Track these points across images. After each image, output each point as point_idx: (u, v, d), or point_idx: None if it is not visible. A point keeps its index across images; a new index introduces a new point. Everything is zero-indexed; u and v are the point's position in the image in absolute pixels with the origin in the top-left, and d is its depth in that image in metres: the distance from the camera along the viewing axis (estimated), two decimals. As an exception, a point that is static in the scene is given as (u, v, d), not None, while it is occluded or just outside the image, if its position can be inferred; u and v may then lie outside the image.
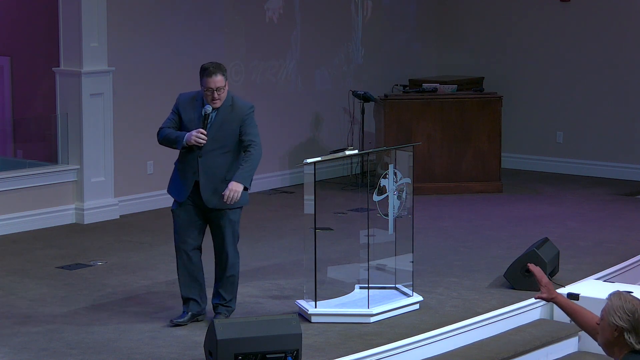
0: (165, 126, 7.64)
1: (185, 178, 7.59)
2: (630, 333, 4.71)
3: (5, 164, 11.15)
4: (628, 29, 13.34)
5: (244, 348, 6.76)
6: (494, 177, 12.56)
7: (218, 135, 7.51)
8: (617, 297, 4.80)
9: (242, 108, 7.62)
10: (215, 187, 7.50)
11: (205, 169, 7.51)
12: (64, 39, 11.01)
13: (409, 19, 14.50)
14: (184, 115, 7.58)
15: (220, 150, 7.52)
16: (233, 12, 12.37)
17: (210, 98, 7.49)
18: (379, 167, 11.33)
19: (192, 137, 7.42)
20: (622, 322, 4.71)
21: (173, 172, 7.74)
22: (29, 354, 7.16)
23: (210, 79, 7.48)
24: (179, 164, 7.67)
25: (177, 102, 7.70)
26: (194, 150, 7.50)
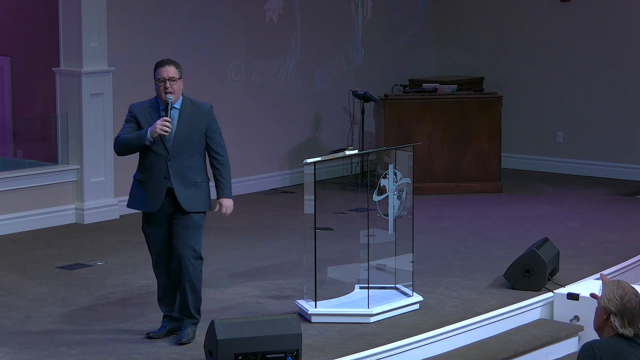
0: (122, 134, 7.28)
1: (155, 185, 7.22)
2: (616, 316, 4.83)
3: (5, 164, 11.15)
4: (628, 29, 13.34)
5: (244, 348, 6.76)
6: (494, 177, 12.56)
7: (185, 136, 7.24)
8: (614, 283, 4.93)
9: (204, 107, 7.39)
10: (188, 190, 7.23)
11: (177, 172, 7.21)
12: (64, 39, 11.01)
13: (409, 19, 14.50)
14: (143, 122, 7.22)
15: (188, 152, 7.25)
16: (233, 12, 12.37)
17: (162, 89, 7.18)
18: (379, 167, 11.33)
19: (157, 126, 7.07)
20: (610, 305, 4.85)
21: (133, 186, 7.34)
22: (29, 354, 7.16)
23: (163, 68, 7.19)
24: (142, 173, 7.27)
25: (130, 111, 7.34)
26: (160, 154, 7.19)
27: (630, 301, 4.83)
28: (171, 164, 7.20)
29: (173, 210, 7.24)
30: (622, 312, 4.82)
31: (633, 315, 4.83)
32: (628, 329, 4.82)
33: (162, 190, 7.21)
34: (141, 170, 7.28)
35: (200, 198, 7.28)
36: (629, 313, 4.82)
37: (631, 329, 4.83)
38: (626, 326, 4.82)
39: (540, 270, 8.53)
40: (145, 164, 7.26)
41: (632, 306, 4.83)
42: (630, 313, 4.83)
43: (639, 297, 4.88)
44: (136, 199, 7.31)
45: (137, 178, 7.31)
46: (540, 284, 8.52)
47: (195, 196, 7.25)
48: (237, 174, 12.43)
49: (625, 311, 4.82)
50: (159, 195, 7.21)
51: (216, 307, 8.15)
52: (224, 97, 12.31)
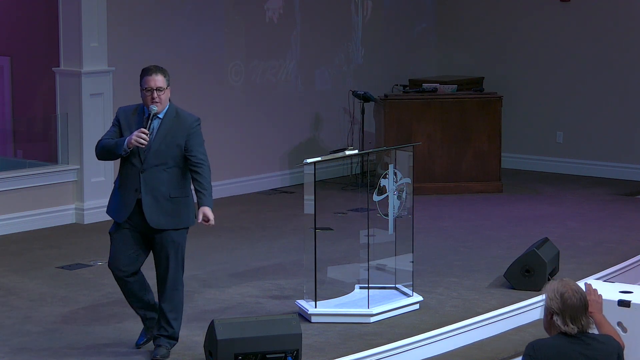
0: (104, 138, 7.01)
1: (126, 196, 6.93)
2: (558, 315, 4.81)
3: (5, 164, 11.15)
4: (628, 29, 13.34)
5: (244, 348, 6.76)
6: (494, 177, 12.56)
7: (161, 149, 6.87)
8: (557, 281, 4.90)
9: (188, 120, 6.96)
10: (159, 205, 6.87)
11: (148, 185, 6.85)
12: (64, 39, 11.01)
13: (409, 18, 14.50)
14: (126, 128, 6.94)
15: (163, 165, 6.87)
16: (233, 12, 12.37)
17: (149, 99, 6.89)
18: (379, 167, 11.33)
19: (133, 137, 6.76)
20: (551, 304, 4.83)
21: (113, 191, 7.11)
22: (29, 354, 7.16)
23: (150, 77, 6.92)
24: (119, 182, 7.01)
25: (117, 115, 7.08)
26: (134, 165, 6.89)
27: (570, 298, 4.80)
28: (144, 176, 6.86)
29: (145, 224, 6.89)
30: (564, 310, 4.79)
31: (575, 312, 4.80)
32: (571, 327, 4.79)
33: (132, 202, 6.89)
34: (119, 178, 7.02)
35: (175, 214, 6.91)
36: (570, 310, 4.79)
37: (574, 327, 4.79)
38: (568, 324, 4.79)
39: (540, 270, 8.53)
40: (122, 173, 6.98)
41: (573, 303, 4.80)
42: (572, 310, 4.79)
43: (580, 293, 4.84)
44: (110, 205, 7.08)
45: (116, 185, 7.07)
46: (540, 284, 8.52)
47: (168, 211, 6.88)
48: (237, 174, 12.48)
49: (567, 309, 4.79)
50: (128, 207, 6.91)
51: (216, 307, 8.16)
52: (224, 97, 12.31)
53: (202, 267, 9.33)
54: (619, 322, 8.06)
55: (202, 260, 9.55)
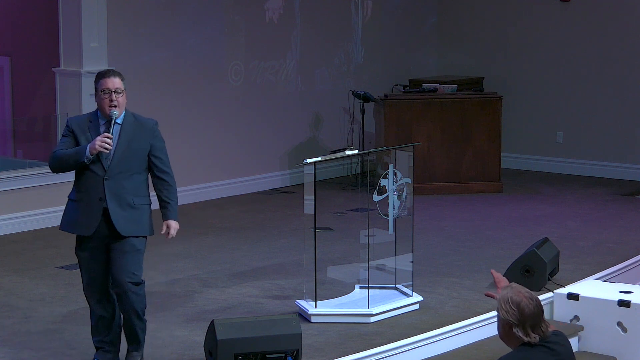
0: (58, 149, 6.69)
1: (90, 207, 6.62)
2: (518, 327, 4.63)
3: (5, 164, 11.15)
4: (628, 28, 13.34)
5: (244, 348, 6.76)
6: (494, 177, 12.56)
7: (126, 156, 6.63)
8: (507, 289, 4.70)
9: (148, 123, 6.76)
10: (125, 212, 6.62)
11: (113, 193, 6.59)
12: (64, 39, 11.01)
13: (409, 18, 14.50)
14: (81, 138, 6.64)
15: (127, 172, 6.64)
16: (233, 12, 12.37)
17: (107, 101, 6.59)
18: (379, 167, 11.34)
19: (97, 142, 6.49)
20: (508, 316, 4.65)
21: (67, 206, 6.75)
22: (29, 354, 7.16)
23: (108, 79, 6.60)
24: (77, 193, 6.68)
25: (68, 125, 6.73)
26: (96, 173, 6.60)
27: (527, 306, 4.61)
28: (108, 184, 6.60)
29: (109, 234, 6.64)
30: (523, 320, 4.61)
31: (534, 321, 4.62)
32: (533, 336, 4.62)
33: (98, 212, 6.60)
34: (77, 189, 6.69)
35: (138, 221, 6.67)
36: (530, 320, 4.61)
37: (536, 335, 4.62)
38: (530, 334, 4.61)
39: (540, 270, 8.53)
40: (81, 183, 6.67)
41: (531, 311, 4.61)
42: (531, 319, 4.61)
43: (535, 299, 4.66)
44: (70, 221, 6.71)
45: (72, 198, 6.72)
46: (540, 284, 8.52)
47: (132, 219, 6.64)
48: (237, 174, 12.48)
49: (526, 319, 4.61)
50: (94, 218, 6.61)
51: (216, 307, 8.16)
52: (224, 97, 12.31)
53: (202, 267, 9.33)
54: (619, 322, 8.07)
55: (202, 260, 9.55)
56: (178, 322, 7.82)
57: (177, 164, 11.91)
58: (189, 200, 11.92)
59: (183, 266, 9.35)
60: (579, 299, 8.23)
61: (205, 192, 12.12)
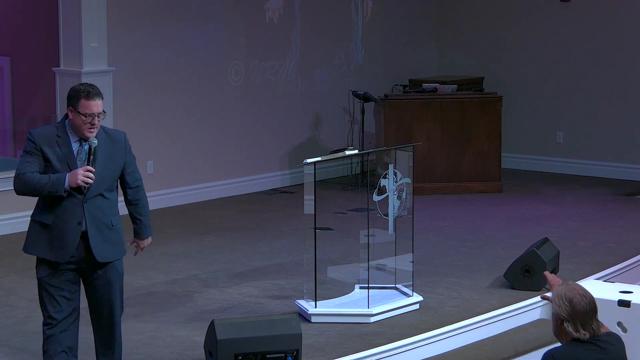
0: (28, 171, 6.15)
1: (66, 231, 6.09)
2: (568, 322, 4.73)
3: (5, 164, 11.14)
4: (628, 28, 13.34)
5: (244, 348, 6.76)
6: (494, 177, 12.56)
7: (104, 175, 6.15)
8: (562, 286, 4.80)
9: (119, 136, 6.31)
10: (104, 235, 6.16)
11: (92, 216, 6.11)
12: (64, 39, 11.01)
13: (409, 19, 14.50)
14: (51, 153, 6.09)
15: (105, 192, 6.18)
16: (233, 13, 12.37)
17: (88, 126, 6.04)
18: (379, 167, 11.34)
19: (79, 177, 5.97)
20: (560, 311, 4.74)
21: (33, 228, 6.19)
22: (29, 354, 7.15)
23: (93, 102, 6.03)
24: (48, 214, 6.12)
25: (33, 140, 6.14)
26: (74, 195, 6.08)
27: (579, 303, 4.71)
28: (87, 206, 6.10)
29: (86, 258, 6.15)
30: (574, 316, 4.71)
31: (585, 318, 4.71)
32: (582, 333, 4.71)
33: (76, 236, 6.09)
34: (47, 211, 6.12)
35: (116, 243, 6.23)
36: (580, 316, 4.71)
37: (586, 332, 4.71)
38: (580, 330, 4.71)
39: (540, 270, 8.53)
40: (55, 205, 6.10)
41: (583, 308, 4.71)
42: (582, 316, 4.71)
43: (588, 297, 4.76)
44: (40, 245, 6.13)
45: (40, 220, 6.16)
46: (540, 284, 8.52)
47: (110, 242, 6.20)
48: (237, 174, 12.49)
49: (577, 315, 4.71)
50: (71, 243, 6.09)
51: (216, 307, 8.16)
52: (224, 97, 12.31)
53: (202, 267, 9.33)
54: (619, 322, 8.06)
55: (202, 260, 9.56)
56: (178, 322, 7.82)
57: (177, 164, 11.95)
58: (189, 200, 11.92)
59: (183, 266, 9.35)
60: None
61: (205, 192, 12.12)
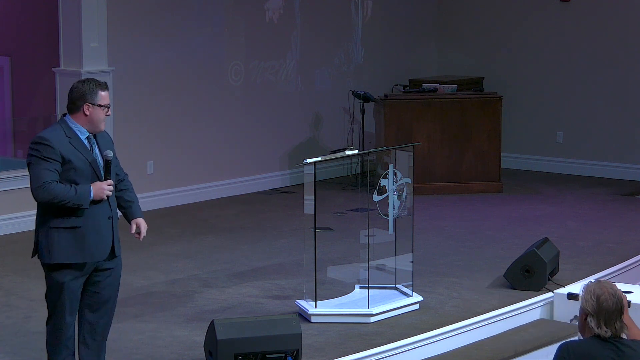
0: (52, 180, 5.95)
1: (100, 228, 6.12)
2: (592, 317, 4.78)
3: (5, 164, 11.15)
4: (628, 28, 13.34)
5: (244, 348, 6.76)
6: (494, 177, 12.56)
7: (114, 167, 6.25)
8: (595, 283, 4.86)
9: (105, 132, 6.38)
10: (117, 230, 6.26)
11: (114, 209, 6.22)
12: (64, 39, 11.01)
13: (409, 19, 14.50)
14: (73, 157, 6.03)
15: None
16: (233, 12, 12.37)
17: (103, 116, 6.16)
18: (379, 167, 11.34)
19: (105, 191, 6.05)
20: (587, 306, 4.80)
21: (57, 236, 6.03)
22: (29, 354, 7.15)
23: (106, 93, 6.19)
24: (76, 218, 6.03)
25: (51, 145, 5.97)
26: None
27: (606, 301, 4.76)
28: (110, 201, 6.17)
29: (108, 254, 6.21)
30: (598, 312, 4.77)
31: (609, 316, 4.76)
32: (604, 330, 4.76)
33: (109, 231, 6.14)
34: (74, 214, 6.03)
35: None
36: (605, 313, 4.76)
37: (607, 330, 4.76)
38: (602, 327, 4.76)
39: (540, 270, 8.53)
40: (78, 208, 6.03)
41: (609, 306, 4.76)
42: (607, 313, 4.76)
43: (617, 296, 4.80)
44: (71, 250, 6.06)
45: (67, 225, 6.04)
46: (540, 284, 8.52)
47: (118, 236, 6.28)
48: (237, 174, 12.48)
49: (601, 311, 4.76)
50: (107, 238, 6.13)
51: (216, 307, 8.16)
52: (224, 97, 12.31)
53: (202, 267, 9.33)
54: (619, 322, 8.06)
55: (202, 260, 9.55)
56: (178, 322, 7.82)
57: (177, 164, 11.94)
58: (189, 200, 11.92)
59: (183, 266, 9.35)
60: (579, 299, 8.21)
61: (205, 192, 12.12)
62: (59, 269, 6.11)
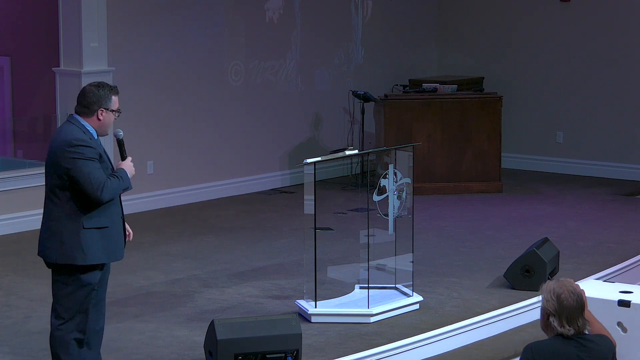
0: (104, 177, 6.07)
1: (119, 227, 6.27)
2: (554, 317, 4.77)
3: (5, 164, 11.15)
4: (628, 28, 13.34)
5: (244, 348, 6.76)
6: (494, 177, 12.56)
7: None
8: (554, 281, 4.84)
9: None
10: None
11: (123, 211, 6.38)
12: (64, 39, 11.01)
13: (409, 19, 14.50)
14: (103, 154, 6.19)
15: None
16: (233, 12, 12.37)
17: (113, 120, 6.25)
18: (379, 167, 11.34)
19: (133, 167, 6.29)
20: (547, 305, 4.79)
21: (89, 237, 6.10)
22: (29, 354, 7.16)
23: (117, 97, 6.26)
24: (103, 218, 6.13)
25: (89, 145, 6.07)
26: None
27: (567, 299, 4.76)
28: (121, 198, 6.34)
29: None
30: (560, 311, 4.76)
31: (571, 314, 4.76)
32: (567, 328, 4.76)
33: (122, 230, 6.29)
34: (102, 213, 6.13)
35: None
36: (567, 312, 4.76)
37: (570, 328, 4.76)
38: (564, 325, 4.76)
39: (540, 270, 8.53)
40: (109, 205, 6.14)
41: (570, 304, 4.76)
42: (569, 312, 4.76)
43: (577, 293, 4.80)
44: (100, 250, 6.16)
45: (97, 225, 6.13)
46: (540, 284, 8.48)
47: None
48: (237, 174, 12.49)
49: (563, 310, 4.76)
50: (121, 237, 6.28)
51: (216, 307, 8.16)
52: (224, 97, 12.31)
53: (202, 267, 9.33)
54: (619, 322, 8.06)
55: (202, 260, 9.56)
56: (178, 322, 7.82)
57: (177, 164, 11.95)
58: (189, 200, 11.92)
59: (183, 266, 9.35)
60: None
61: (205, 192, 12.12)
62: (91, 270, 6.17)
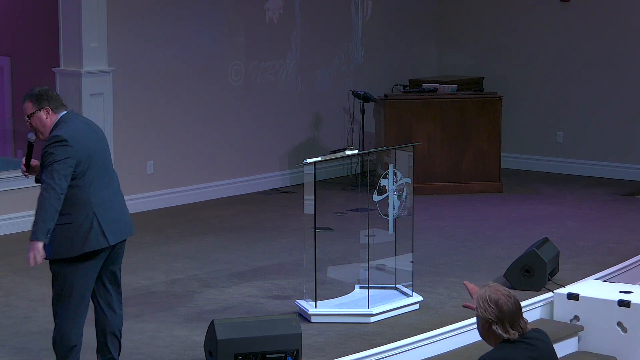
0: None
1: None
2: (497, 324, 4.68)
3: (5, 164, 11.15)
4: (628, 28, 13.34)
5: (244, 348, 6.76)
6: (494, 177, 12.56)
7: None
8: (485, 288, 4.76)
9: None
10: None
11: None
12: (64, 39, 11.01)
13: (409, 19, 14.50)
14: None
15: None
16: (233, 12, 12.37)
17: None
18: (379, 167, 11.34)
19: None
20: (487, 314, 4.69)
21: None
22: (29, 354, 7.16)
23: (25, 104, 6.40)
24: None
25: None
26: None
27: (506, 304, 4.66)
28: None
29: None
30: (502, 317, 4.66)
31: (513, 318, 4.67)
32: (512, 333, 4.66)
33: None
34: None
35: None
36: (509, 317, 4.66)
37: (515, 332, 4.67)
38: (509, 330, 4.66)
39: (540, 270, 8.53)
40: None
41: (510, 308, 4.66)
42: (510, 316, 4.66)
43: (512, 296, 4.72)
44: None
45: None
46: (540, 284, 8.52)
47: None
48: (237, 174, 12.48)
49: (505, 316, 4.66)
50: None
51: (216, 307, 8.16)
52: (224, 97, 12.31)
53: (202, 267, 9.33)
54: (619, 322, 8.07)
55: (202, 260, 9.55)
56: (178, 322, 7.82)
57: (177, 164, 11.94)
58: (189, 200, 11.92)
59: (183, 266, 9.35)
60: (579, 299, 8.23)
61: (205, 192, 12.12)
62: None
